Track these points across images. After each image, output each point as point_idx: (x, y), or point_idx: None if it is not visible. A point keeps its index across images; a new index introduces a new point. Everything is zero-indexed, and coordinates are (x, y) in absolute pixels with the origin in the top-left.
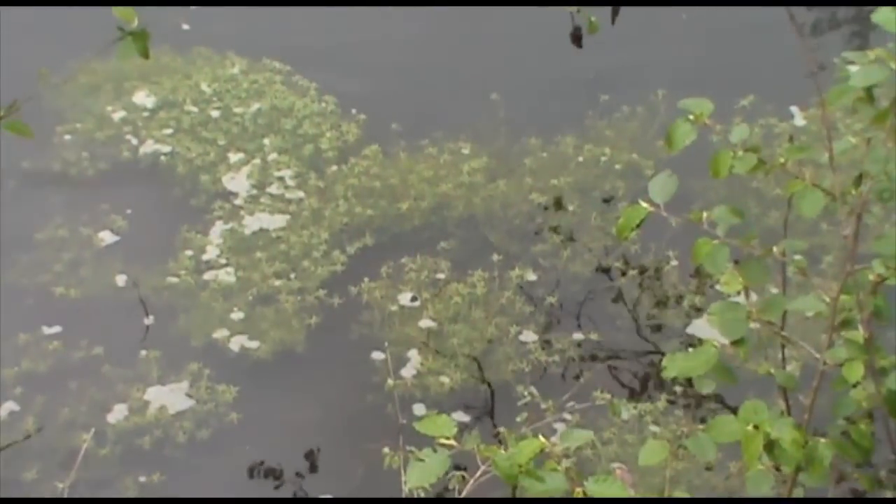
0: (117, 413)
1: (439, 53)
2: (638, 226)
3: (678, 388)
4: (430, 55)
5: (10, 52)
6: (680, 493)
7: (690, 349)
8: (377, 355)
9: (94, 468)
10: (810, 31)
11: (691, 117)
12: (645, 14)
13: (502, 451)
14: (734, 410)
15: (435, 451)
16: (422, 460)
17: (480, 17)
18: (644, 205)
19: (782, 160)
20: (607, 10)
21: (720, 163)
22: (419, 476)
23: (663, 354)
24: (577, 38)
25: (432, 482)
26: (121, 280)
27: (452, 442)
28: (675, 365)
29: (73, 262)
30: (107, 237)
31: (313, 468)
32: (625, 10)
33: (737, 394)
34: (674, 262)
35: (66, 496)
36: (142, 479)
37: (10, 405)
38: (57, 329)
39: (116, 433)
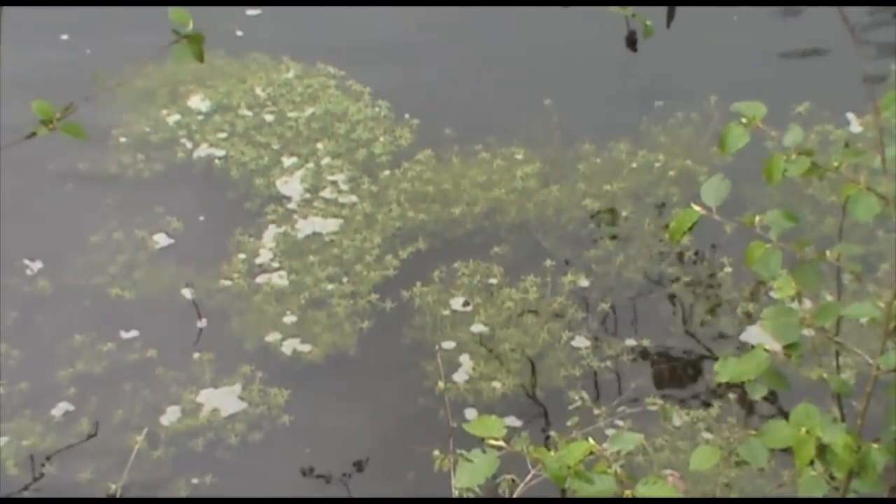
0: (170, 415)
1: (493, 58)
2: (690, 229)
3: (732, 395)
4: (483, 60)
5: (66, 54)
6: None
7: (744, 355)
8: (439, 348)
9: (147, 469)
10: (866, 34)
11: (744, 120)
12: (700, 19)
13: (552, 453)
14: (788, 417)
15: (484, 452)
16: (470, 461)
17: (535, 21)
18: (696, 208)
19: (836, 164)
20: (662, 14)
21: (773, 166)
22: (468, 477)
23: (716, 360)
24: (631, 42)
25: (481, 483)
26: (175, 283)
27: (501, 443)
28: (727, 370)
29: (128, 264)
30: (161, 240)
31: (364, 471)
32: (680, 15)
33: (791, 401)
34: (728, 269)
35: (118, 497)
36: (194, 480)
37: (65, 405)
38: (111, 331)
39: (169, 435)
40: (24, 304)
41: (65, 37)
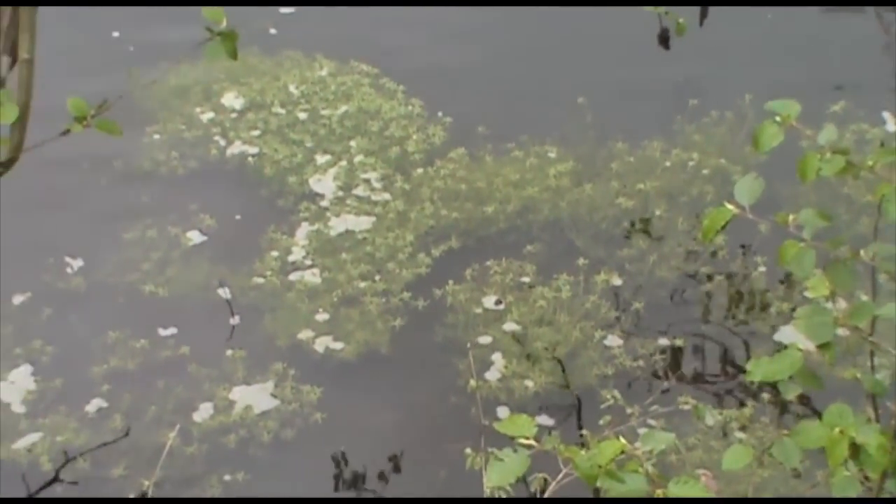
0: (203, 412)
1: (526, 57)
2: (723, 228)
3: (765, 395)
4: (517, 58)
5: (100, 52)
6: None
7: (777, 354)
8: (471, 346)
9: (180, 466)
10: None
11: (778, 119)
12: (734, 17)
13: (583, 452)
14: (822, 417)
15: (515, 451)
16: (501, 460)
17: (568, 20)
18: (729, 207)
19: (871, 163)
20: (696, 12)
21: (807, 165)
22: (499, 476)
23: (750, 360)
24: (664, 40)
25: (511, 482)
26: (208, 280)
27: (532, 442)
28: (759, 369)
29: (162, 261)
30: (195, 237)
31: (396, 469)
32: (713, 13)
33: (826, 402)
34: (762, 269)
35: (150, 495)
36: (226, 477)
37: (99, 402)
38: (145, 327)
39: (202, 432)
40: (58, 301)
41: (116, 34)
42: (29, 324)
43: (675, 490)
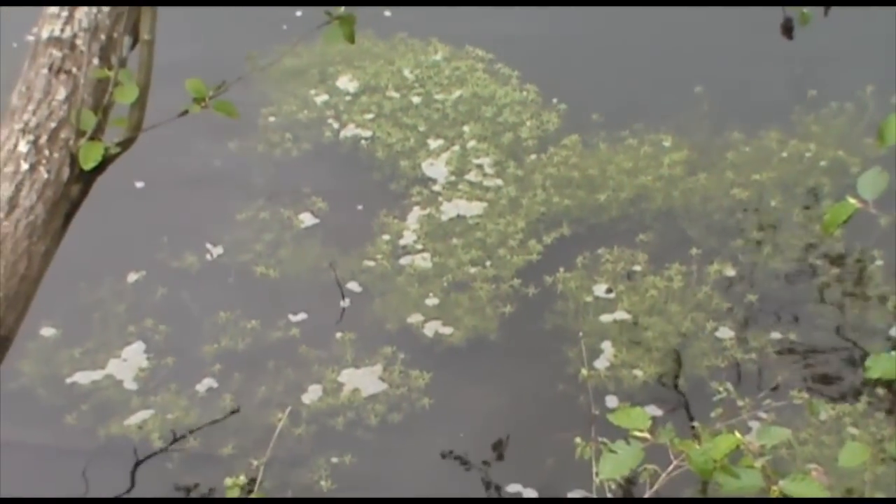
0: (312, 394)
1: (644, 45)
2: (844, 222)
3: (880, 391)
4: (634, 46)
5: (220, 35)
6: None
7: (894, 351)
8: (582, 335)
9: (289, 447)
10: None
11: None
12: (859, 7)
13: (697, 446)
14: None
15: (628, 443)
16: (614, 452)
17: (687, 7)
18: (852, 201)
19: None
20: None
21: None
22: (611, 468)
23: (865, 355)
24: (787, 30)
25: (624, 474)
26: (319, 262)
27: (646, 435)
28: (879, 366)
29: (274, 242)
30: (307, 219)
31: (503, 456)
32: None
33: None
34: (879, 262)
35: (260, 473)
36: (334, 459)
37: (209, 381)
38: (255, 308)
39: (311, 413)
40: (171, 281)
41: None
42: (142, 302)
43: (790, 487)
